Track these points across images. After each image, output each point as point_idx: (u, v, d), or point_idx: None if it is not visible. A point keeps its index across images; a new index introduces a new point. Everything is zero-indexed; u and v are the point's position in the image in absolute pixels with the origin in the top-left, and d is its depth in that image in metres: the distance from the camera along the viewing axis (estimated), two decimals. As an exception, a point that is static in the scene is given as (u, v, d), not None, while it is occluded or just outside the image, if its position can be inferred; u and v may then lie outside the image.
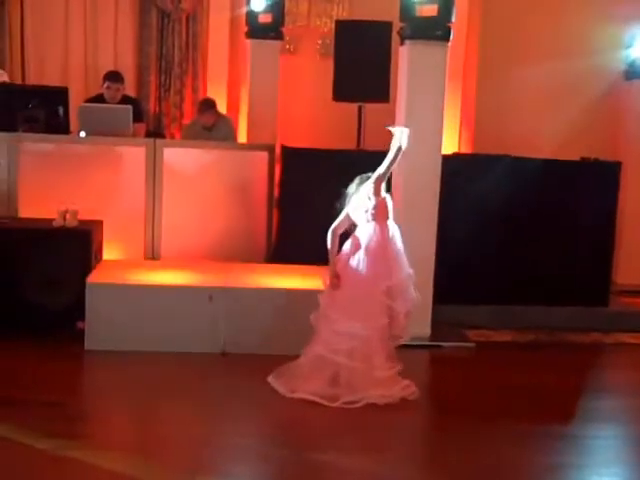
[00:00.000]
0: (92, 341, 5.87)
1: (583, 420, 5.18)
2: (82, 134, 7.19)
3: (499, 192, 7.00)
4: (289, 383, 5.18)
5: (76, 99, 7.83)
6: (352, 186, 5.29)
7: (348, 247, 5.28)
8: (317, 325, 5.23)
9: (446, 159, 6.50)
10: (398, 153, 5.13)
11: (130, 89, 8.59)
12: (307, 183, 7.06)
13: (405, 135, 5.12)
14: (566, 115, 8.94)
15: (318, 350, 5.15)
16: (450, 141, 8.60)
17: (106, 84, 7.74)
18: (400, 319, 5.19)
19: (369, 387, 5.08)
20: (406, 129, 5.15)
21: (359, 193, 5.24)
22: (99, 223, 6.70)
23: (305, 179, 7.11)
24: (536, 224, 7.19)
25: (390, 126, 5.28)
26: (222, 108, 8.54)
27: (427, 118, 6.20)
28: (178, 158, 7.22)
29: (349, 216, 5.29)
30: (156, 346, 5.83)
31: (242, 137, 8.67)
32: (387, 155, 5.15)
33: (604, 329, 7.02)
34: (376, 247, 5.17)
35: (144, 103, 8.83)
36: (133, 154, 7.14)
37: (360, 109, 8.34)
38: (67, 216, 6.38)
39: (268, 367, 5.32)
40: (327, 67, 8.42)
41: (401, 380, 5.20)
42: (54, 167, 7.02)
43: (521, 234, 7.18)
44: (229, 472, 4.27)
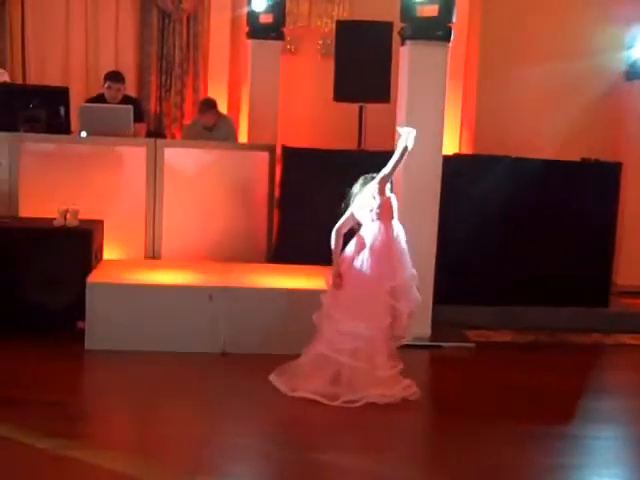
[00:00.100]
0: (92, 341, 5.87)
1: (583, 421, 5.17)
2: (83, 134, 7.20)
3: (500, 193, 7.00)
4: (290, 382, 5.18)
5: (77, 99, 7.84)
6: (356, 186, 5.29)
7: (352, 247, 5.28)
8: (320, 325, 5.22)
9: (447, 160, 6.50)
10: (404, 153, 5.13)
11: (131, 89, 8.59)
12: (308, 183, 7.06)
13: (412, 136, 5.13)
14: (567, 116, 8.93)
15: (320, 349, 5.15)
16: (451, 142, 8.61)
17: (107, 84, 7.74)
18: (403, 319, 5.19)
19: (370, 386, 5.08)
20: (413, 130, 5.15)
21: (363, 193, 5.24)
22: (100, 223, 6.70)
23: (306, 179, 7.12)
24: (537, 224, 7.19)
25: (399, 126, 5.29)
26: (223, 108, 8.54)
27: (428, 118, 6.19)
28: (179, 158, 7.22)
29: (353, 215, 5.29)
30: (156, 346, 5.83)
31: (243, 137, 8.67)
32: (393, 155, 5.16)
33: (604, 330, 7.02)
34: (381, 247, 5.17)
35: (145, 103, 8.83)
36: (134, 154, 7.14)
37: (361, 109, 8.34)
38: (68, 216, 6.39)
39: (268, 367, 5.32)
40: (328, 67, 8.43)
41: (403, 380, 5.20)
42: (55, 167, 7.01)
43: (522, 234, 7.18)
44: (229, 472, 4.26)
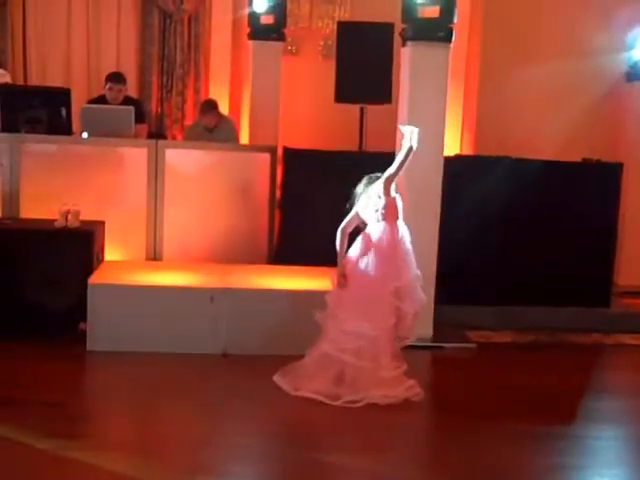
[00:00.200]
0: (93, 342, 5.87)
1: (584, 421, 5.17)
2: (84, 135, 7.20)
3: (501, 193, 7.01)
4: (294, 381, 5.19)
5: (78, 100, 7.82)
6: (360, 186, 5.28)
7: (357, 246, 5.27)
8: (324, 325, 5.22)
9: (448, 161, 6.50)
10: (409, 153, 5.10)
11: (132, 90, 8.60)
12: (309, 184, 7.07)
13: (415, 134, 5.10)
14: (568, 117, 8.93)
15: (324, 349, 5.15)
16: (452, 143, 8.61)
17: (108, 85, 7.75)
18: (408, 320, 5.19)
19: (373, 387, 5.07)
20: (416, 128, 5.12)
21: (368, 193, 5.23)
22: (101, 224, 6.70)
23: (307, 180, 7.12)
24: (538, 225, 7.19)
25: (401, 125, 5.27)
26: (224, 109, 8.54)
27: (429, 120, 6.17)
28: (180, 159, 7.22)
29: (358, 215, 5.28)
30: (157, 347, 5.84)
31: (244, 138, 8.67)
32: (396, 155, 5.14)
33: (605, 330, 7.02)
34: (386, 247, 5.16)
35: (146, 104, 8.83)
36: (135, 155, 7.13)
37: (362, 110, 8.34)
38: (69, 217, 6.39)
39: (269, 368, 5.33)
40: (329, 68, 8.42)
41: (406, 380, 5.19)
42: (56, 168, 7.01)
43: (523, 235, 7.18)
44: (229, 472, 4.27)
